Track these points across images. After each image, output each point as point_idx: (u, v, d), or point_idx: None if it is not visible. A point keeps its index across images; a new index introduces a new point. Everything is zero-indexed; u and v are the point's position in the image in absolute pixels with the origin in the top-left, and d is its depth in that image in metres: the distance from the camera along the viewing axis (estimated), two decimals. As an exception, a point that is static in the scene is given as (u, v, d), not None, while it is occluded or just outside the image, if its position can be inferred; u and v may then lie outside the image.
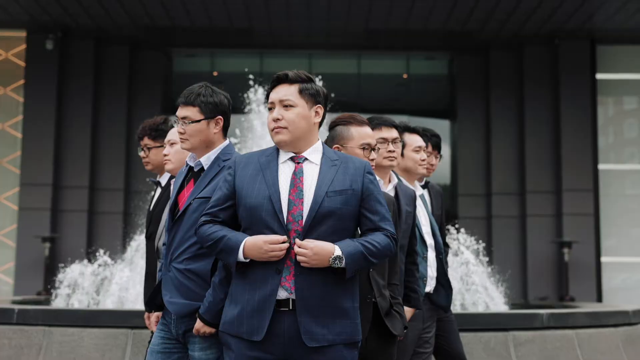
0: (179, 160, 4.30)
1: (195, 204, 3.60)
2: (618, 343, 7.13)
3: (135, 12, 14.84)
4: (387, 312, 3.74)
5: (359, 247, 3.23)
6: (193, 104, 3.73)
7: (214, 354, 3.55)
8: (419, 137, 4.91)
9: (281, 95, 3.37)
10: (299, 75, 3.41)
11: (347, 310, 3.25)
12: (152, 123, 4.83)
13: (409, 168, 4.83)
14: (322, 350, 3.20)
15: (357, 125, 3.92)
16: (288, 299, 3.20)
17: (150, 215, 4.62)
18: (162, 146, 4.63)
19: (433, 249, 4.78)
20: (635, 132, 17.09)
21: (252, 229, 3.28)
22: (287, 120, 3.33)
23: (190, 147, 3.74)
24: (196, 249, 3.57)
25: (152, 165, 4.81)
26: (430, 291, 4.76)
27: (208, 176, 3.68)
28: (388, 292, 3.79)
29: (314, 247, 3.14)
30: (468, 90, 16.76)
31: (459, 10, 14.65)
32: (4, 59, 16.24)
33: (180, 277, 3.57)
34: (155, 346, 3.69)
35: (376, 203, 3.35)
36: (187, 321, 3.55)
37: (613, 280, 16.04)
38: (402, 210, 4.18)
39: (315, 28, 15.84)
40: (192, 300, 3.54)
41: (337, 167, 3.36)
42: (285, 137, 3.33)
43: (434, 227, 4.83)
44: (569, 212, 15.61)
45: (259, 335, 3.18)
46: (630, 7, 14.41)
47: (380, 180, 4.06)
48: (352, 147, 3.88)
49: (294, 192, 3.28)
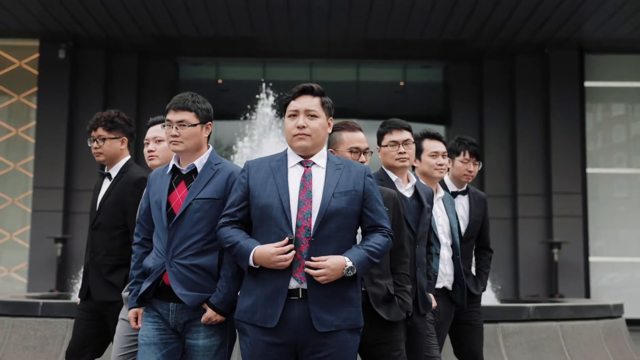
0: (165, 157, 4.40)
1: (196, 204, 3.69)
2: (600, 335, 7.32)
3: (143, 23, 14.94)
4: (384, 299, 3.82)
5: (364, 253, 3.43)
6: (190, 109, 3.80)
7: (218, 340, 3.69)
8: (437, 143, 4.91)
9: (306, 105, 3.57)
10: (320, 89, 3.63)
11: (352, 299, 3.45)
12: (107, 115, 4.80)
13: (426, 172, 4.87)
14: (330, 335, 3.38)
15: (348, 130, 4.09)
16: (298, 289, 3.38)
17: (100, 205, 4.65)
18: (116, 138, 4.75)
19: (449, 248, 4.88)
20: (622, 137, 17.05)
21: (263, 227, 3.47)
22: (311, 128, 3.54)
23: (183, 149, 3.78)
24: (200, 245, 3.67)
25: (104, 156, 4.76)
26: (448, 287, 4.87)
27: (204, 179, 3.75)
28: (388, 281, 3.88)
29: (330, 264, 3.33)
30: (462, 97, 16.82)
31: (453, 21, 14.72)
32: (18, 67, 16.27)
33: (185, 272, 3.64)
34: (150, 338, 3.72)
35: (376, 203, 3.56)
36: (190, 311, 3.66)
37: (601, 279, 16.07)
38: (424, 206, 4.31)
39: (316, 38, 15.89)
40: (200, 292, 3.64)
41: (341, 170, 3.55)
42: (307, 143, 3.54)
43: (453, 229, 4.89)
44: (559, 214, 15.69)
45: (272, 322, 3.36)
46: (617, 18, 14.50)
47: (399, 179, 4.36)
48: (342, 150, 4.05)
49: (303, 192, 3.46)
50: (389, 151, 4.40)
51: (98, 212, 4.65)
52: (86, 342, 4.60)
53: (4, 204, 16.05)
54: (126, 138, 4.83)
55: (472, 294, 5.27)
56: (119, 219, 4.58)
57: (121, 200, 4.59)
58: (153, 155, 4.47)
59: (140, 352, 3.73)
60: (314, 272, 3.34)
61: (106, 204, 4.63)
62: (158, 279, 3.71)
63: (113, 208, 4.60)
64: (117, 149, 4.78)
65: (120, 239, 4.58)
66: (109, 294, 4.52)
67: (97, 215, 4.65)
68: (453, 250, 4.91)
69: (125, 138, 4.82)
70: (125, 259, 4.46)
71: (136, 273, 3.84)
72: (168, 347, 3.73)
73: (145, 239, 3.90)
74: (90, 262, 4.63)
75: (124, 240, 4.56)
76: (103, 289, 4.55)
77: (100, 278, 4.56)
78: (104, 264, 4.57)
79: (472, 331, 5.22)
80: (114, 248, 4.58)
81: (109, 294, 4.52)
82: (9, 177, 16.16)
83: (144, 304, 3.81)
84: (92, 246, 4.65)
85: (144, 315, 3.81)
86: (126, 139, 4.83)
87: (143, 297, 3.76)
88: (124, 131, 4.81)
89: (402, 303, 3.89)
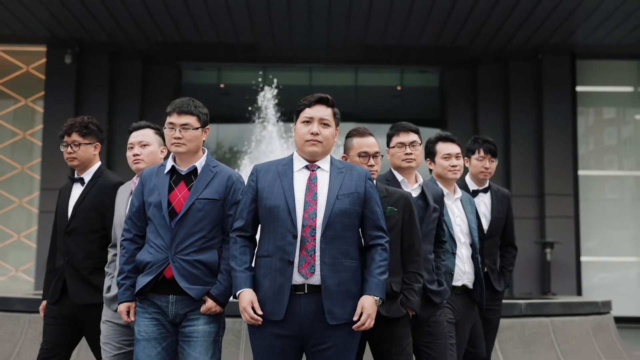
0: (151, 161, 4.43)
1: (198, 204, 3.84)
2: (588, 330, 7.37)
3: (147, 28, 15.10)
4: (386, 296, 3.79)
5: (380, 279, 3.64)
6: (192, 113, 3.94)
7: (215, 327, 3.86)
8: (449, 145, 4.91)
9: (321, 114, 3.74)
10: (333, 100, 3.82)
11: (356, 293, 3.62)
12: (80, 121, 4.77)
13: (440, 174, 4.89)
14: (334, 327, 3.56)
15: (358, 136, 4.21)
16: (304, 284, 3.55)
17: (75, 210, 4.61)
18: (90, 143, 4.73)
19: (469, 247, 4.86)
20: (613, 140, 17.14)
21: (270, 227, 3.65)
22: (324, 136, 3.72)
23: (185, 151, 3.91)
24: (201, 242, 3.84)
25: (78, 161, 4.73)
26: (468, 285, 4.82)
27: (204, 180, 3.91)
28: (393, 279, 3.94)
29: (370, 313, 3.57)
30: (457, 101, 16.94)
31: (449, 28, 14.89)
32: (25, 72, 16.39)
33: (188, 267, 3.79)
34: (149, 334, 3.83)
35: (375, 204, 3.75)
36: (189, 303, 3.80)
37: (592, 278, 16.20)
38: (430, 205, 4.38)
39: (316, 44, 16.00)
40: (201, 285, 3.81)
41: (343, 174, 3.73)
42: (318, 149, 3.73)
43: (471, 229, 4.88)
44: (551, 214, 15.83)
45: (279, 315, 3.54)
46: (608, 25, 14.70)
47: (404, 180, 4.48)
48: (353, 155, 4.19)
49: (309, 194, 3.64)
50: (396, 152, 4.50)
51: (73, 217, 4.61)
52: (58, 347, 4.59)
53: (12, 205, 16.16)
54: (99, 144, 4.83)
55: (495, 290, 5.34)
56: (96, 223, 4.59)
57: (99, 204, 4.60)
58: (139, 159, 4.44)
59: (140, 347, 3.82)
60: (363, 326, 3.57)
61: (81, 208, 4.61)
62: (159, 273, 3.81)
63: (90, 212, 4.59)
64: (91, 154, 4.76)
65: (98, 243, 4.59)
66: (91, 297, 4.51)
67: (71, 219, 4.61)
68: (472, 249, 4.88)
69: (98, 144, 4.82)
70: (104, 263, 4.52)
71: (128, 268, 3.90)
72: (167, 341, 3.85)
73: (137, 235, 3.96)
74: (66, 265, 4.58)
75: (102, 243, 4.58)
76: (84, 293, 4.54)
77: (80, 281, 4.54)
78: (84, 267, 4.55)
79: (486, 325, 5.23)
80: (93, 252, 4.58)
81: (91, 297, 4.51)
82: (16, 179, 16.27)
83: (139, 298, 3.88)
84: (67, 250, 4.59)
85: (139, 311, 3.88)
86: (99, 144, 4.83)
87: (141, 291, 3.83)
88: (97, 137, 4.80)
89: (406, 300, 3.96)
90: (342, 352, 3.62)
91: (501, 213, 5.51)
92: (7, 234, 16.23)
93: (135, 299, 3.89)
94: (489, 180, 5.64)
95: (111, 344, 4.27)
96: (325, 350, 3.59)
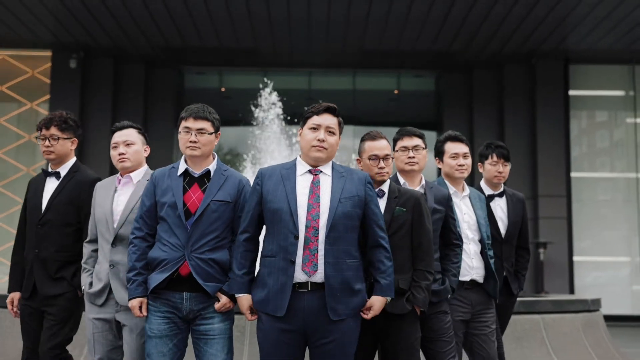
0: (136, 160, 4.44)
1: (213, 205, 3.96)
2: (578, 327, 7.44)
3: (150, 33, 15.21)
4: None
5: (390, 280, 3.81)
6: (207, 118, 4.06)
7: (229, 324, 4.00)
8: (457, 144, 4.95)
9: (328, 122, 3.88)
10: (339, 110, 3.97)
11: (358, 290, 3.76)
12: (60, 115, 4.76)
13: (447, 173, 4.94)
14: (336, 322, 3.69)
15: (370, 140, 4.26)
16: (307, 282, 3.68)
17: (49, 203, 4.61)
18: (67, 138, 4.75)
19: (477, 243, 4.85)
20: (605, 143, 17.23)
21: (274, 228, 3.77)
22: (329, 143, 3.86)
23: (200, 154, 4.02)
24: (215, 242, 3.96)
25: (55, 155, 4.71)
26: (478, 280, 4.81)
27: (217, 183, 4.03)
28: (401, 276, 3.98)
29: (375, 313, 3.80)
30: (453, 104, 17.07)
31: (445, 33, 15.07)
32: (31, 76, 16.48)
33: (203, 265, 3.90)
34: (161, 331, 3.92)
35: (375, 207, 3.88)
36: (203, 299, 3.92)
37: (585, 278, 16.37)
38: (430, 206, 4.35)
39: (315, 48, 16.11)
40: (215, 282, 3.93)
41: (344, 178, 3.85)
42: (324, 155, 3.85)
43: (480, 225, 4.87)
44: (545, 215, 16.00)
45: (281, 311, 3.67)
46: (600, 31, 14.91)
47: (405, 183, 4.52)
48: (364, 158, 4.24)
49: (312, 197, 3.76)
50: (400, 156, 4.53)
51: (47, 209, 4.61)
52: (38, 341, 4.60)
53: (16, 206, 16.20)
54: (76, 139, 4.83)
55: (511, 292, 5.41)
56: (72, 217, 4.61)
57: (75, 198, 4.62)
58: (124, 157, 4.41)
59: (152, 344, 3.92)
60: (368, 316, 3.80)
61: (57, 201, 4.62)
62: (175, 270, 3.90)
63: (65, 206, 4.60)
64: (68, 149, 4.77)
65: (72, 236, 4.61)
66: (54, 287, 4.55)
67: (45, 212, 4.62)
68: (481, 245, 4.88)
69: (76, 139, 4.83)
70: (76, 256, 4.57)
71: (140, 265, 3.97)
72: (178, 337, 3.96)
73: (148, 233, 4.03)
74: (35, 259, 4.60)
75: (76, 237, 4.61)
76: (49, 284, 4.56)
77: (47, 274, 4.57)
78: (55, 259, 4.57)
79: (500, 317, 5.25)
80: (66, 245, 4.60)
81: (54, 287, 4.55)
82: (21, 181, 16.36)
83: (150, 296, 3.96)
84: (38, 243, 4.60)
85: (151, 309, 3.97)
86: (76, 140, 4.83)
87: (155, 287, 3.91)
88: (74, 132, 4.81)
89: (412, 297, 4.00)
90: (344, 345, 3.74)
91: (517, 217, 5.53)
92: (12, 235, 15.91)
93: (147, 295, 3.97)
94: (503, 184, 5.64)
95: (101, 341, 4.30)
96: (327, 344, 3.72)
